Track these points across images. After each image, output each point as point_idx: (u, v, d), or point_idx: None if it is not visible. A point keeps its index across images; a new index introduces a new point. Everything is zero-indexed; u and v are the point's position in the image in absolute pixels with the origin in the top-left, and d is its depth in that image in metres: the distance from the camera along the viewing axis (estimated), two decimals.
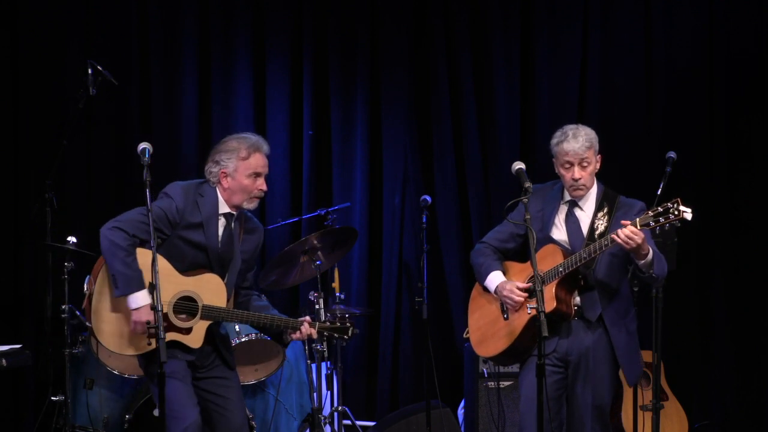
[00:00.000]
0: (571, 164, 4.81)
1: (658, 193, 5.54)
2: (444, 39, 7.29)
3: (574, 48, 7.22)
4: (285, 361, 6.12)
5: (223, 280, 4.70)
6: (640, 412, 5.92)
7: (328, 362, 6.25)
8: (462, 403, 6.66)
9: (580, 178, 4.82)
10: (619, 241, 4.58)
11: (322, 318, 6.05)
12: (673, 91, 7.15)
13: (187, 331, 4.64)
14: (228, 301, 4.72)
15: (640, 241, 4.57)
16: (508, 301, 4.86)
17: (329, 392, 6.32)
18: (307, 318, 4.83)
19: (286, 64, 7.29)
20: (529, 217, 4.59)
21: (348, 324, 4.95)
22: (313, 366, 6.21)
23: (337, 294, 6.55)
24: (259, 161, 4.72)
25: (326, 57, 7.32)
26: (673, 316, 6.56)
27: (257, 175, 4.70)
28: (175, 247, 4.64)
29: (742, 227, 7.05)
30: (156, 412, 4.60)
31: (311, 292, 6.19)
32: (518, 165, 4.70)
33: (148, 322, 4.44)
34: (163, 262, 4.54)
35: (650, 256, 4.66)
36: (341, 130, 7.32)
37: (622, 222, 4.62)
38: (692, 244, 6.83)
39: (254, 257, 4.92)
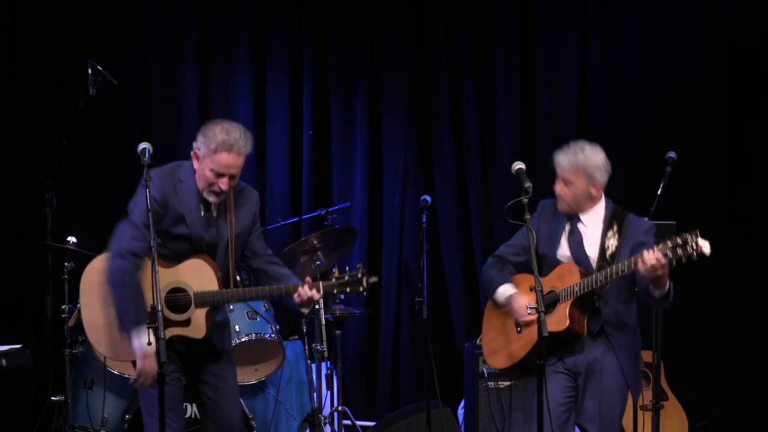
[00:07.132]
0: (557, 175, 4.77)
1: (658, 193, 5.54)
2: (444, 39, 7.28)
3: (574, 48, 7.21)
4: (285, 361, 6.12)
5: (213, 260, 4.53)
6: (640, 412, 5.91)
7: (328, 362, 6.25)
8: (462, 403, 6.65)
9: (560, 193, 4.77)
10: (643, 268, 4.44)
11: (322, 320, 6.07)
12: (673, 91, 7.14)
13: (186, 323, 4.51)
14: (220, 282, 4.51)
15: (664, 271, 4.45)
16: (517, 317, 4.82)
17: (329, 392, 6.32)
18: (307, 278, 4.52)
19: (286, 64, 7.28)
20: (528, 217, 4.57)
21: (360, 274, 4.52)
22: (313, 366, 6.21)
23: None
24: (222, 161, 4.45)
25: (326, 57, 7.31)
26: (673, 316, 6.55)
27: (219, 174, 4.46)
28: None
29: (742, 227, 7.05)
30: None
31: None
32: (518, 165, 4.67)
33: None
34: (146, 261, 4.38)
35: (667, 287, 4.57)
36: (341, 130, 7.31)
37: (646, 252, 4.46)
38: None
39: (254, 227, 4.68)
